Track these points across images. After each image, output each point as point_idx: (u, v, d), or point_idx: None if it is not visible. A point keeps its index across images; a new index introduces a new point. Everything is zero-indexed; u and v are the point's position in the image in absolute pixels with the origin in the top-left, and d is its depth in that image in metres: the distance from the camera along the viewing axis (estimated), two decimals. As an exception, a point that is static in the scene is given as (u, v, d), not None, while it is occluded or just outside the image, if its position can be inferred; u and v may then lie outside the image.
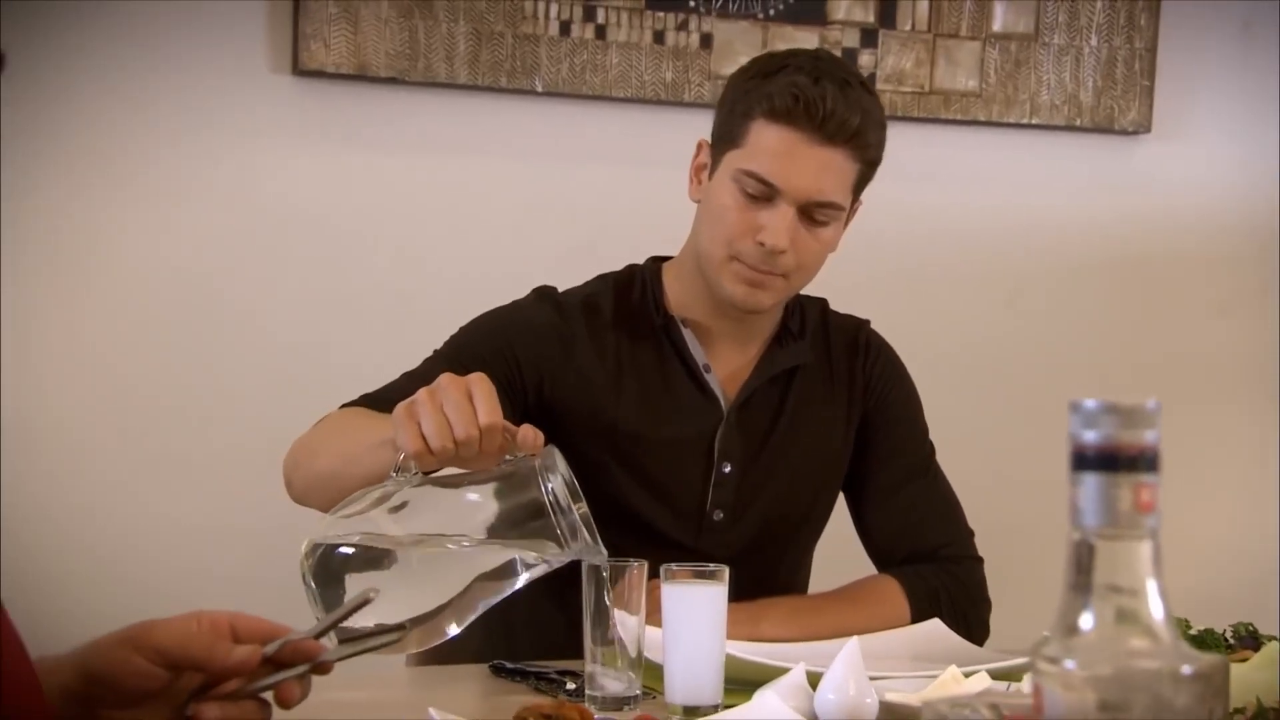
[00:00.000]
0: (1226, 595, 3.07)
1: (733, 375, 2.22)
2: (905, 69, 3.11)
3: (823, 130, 2.07)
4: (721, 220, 2.12)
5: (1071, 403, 0.89)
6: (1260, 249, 3.32)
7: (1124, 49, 3.21)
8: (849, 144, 2.09)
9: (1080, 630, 0.88)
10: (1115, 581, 0.88)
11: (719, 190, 2.13)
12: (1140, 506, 0.87)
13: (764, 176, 2.08)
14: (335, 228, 2.91)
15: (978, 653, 2.05)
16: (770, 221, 2.08)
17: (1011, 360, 3.19)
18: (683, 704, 1.77)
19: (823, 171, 2.09)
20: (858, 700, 1.68)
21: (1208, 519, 3.30)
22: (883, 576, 2.21)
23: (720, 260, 2.13)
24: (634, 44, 3.00)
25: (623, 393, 2.18)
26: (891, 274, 3.12)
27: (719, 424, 2.19)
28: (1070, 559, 0.89)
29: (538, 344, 2.18)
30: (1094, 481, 0.88)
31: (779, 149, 2.08)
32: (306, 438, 2.05)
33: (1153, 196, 3.27)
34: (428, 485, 1.76)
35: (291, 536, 2.77)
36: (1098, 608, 0.88)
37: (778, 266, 2.11)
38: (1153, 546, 0.88)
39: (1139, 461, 0.88)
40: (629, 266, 2.29)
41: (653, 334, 2.21)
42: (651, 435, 2.17)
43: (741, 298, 2.13)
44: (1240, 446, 3.33)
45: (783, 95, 2.07)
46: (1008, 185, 3.21)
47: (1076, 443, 0.89)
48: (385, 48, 2.88)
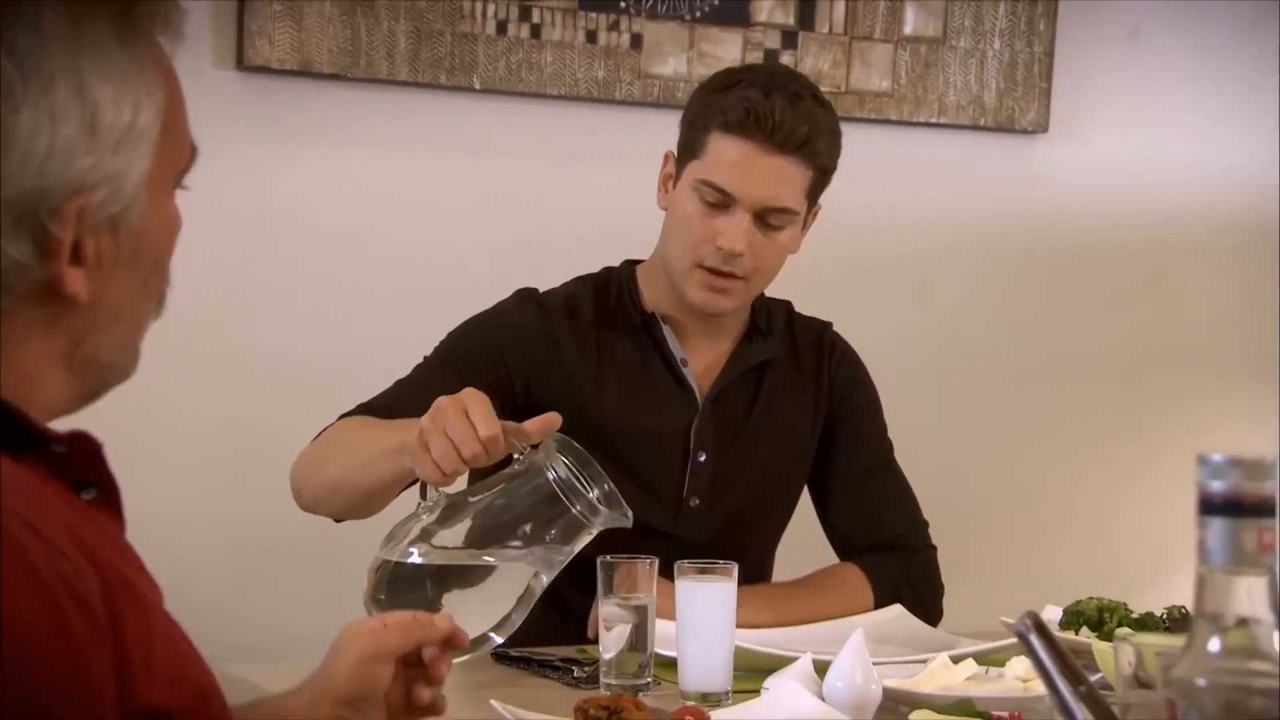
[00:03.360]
0: (1135, 576, 3.29)
1: (707, 369, 2.37)
2: (823, 70, 3.25)
3: (773, 140, 2.23)
4: (685, 228, 2.28)
5: (1200, 455, 1.04)
6: (1150, 242, 3.53)
7: (1024, 52, 3.39)
8: (799, 152, 2.25)
9: (1209, 653, 1.03)
10: (1239, 612, 1.02)
11: (682, 200, 2.28)
12: (1262, 547, 1.02)
13: (720, 185, 2.24)
14: (279, 221, 2.97)
15: (937, 636, 2.23)
16: (727, 227, 2.24)
17: (922, 349, 3.36)
18: (696, 692, 1.91)
19: (775, 179, 2.25)
20: (864, 687, 1.83)
21: (1101, 500, 3.51)
22: (847, 565, 2.37)
23: (686, 269, 2.28)
24: (567, 43, 3.10)
25: (604, 388, 2.31)
26: (808, 267, 3.26)
27: (695, 416, 2.33)
28: (1198, 591, 1.04)
29: (523, 346, 2.30)
30: (1221, 525, 1.03)
31: (734, 159, 2.24)
32: (314, 448, 2.16)
33: (1050, 193, 3.46)
34: (456, 503, 1.88)
35: (284, 535, 2.84)
36: (1223, 634, 1.03)
37: (737, 269, 2.26)
38: (1271, 581, 1.03)
39: (1261, 508, 1.02)
40: (605, 269, 2.42)
41: (632, 331, 2.35)
42: (632, 428, 2.30)
43: (704, 303, 2.29)
44: (1129, 429, 3.54)
45: (735, 109, 2.24)
46: (917, 182, 3.37)
47: (1204, 490, 1.04)
48: (328, 44, 2.95)
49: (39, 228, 1.09)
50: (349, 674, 1.41)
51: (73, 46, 1.10)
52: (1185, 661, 1.04)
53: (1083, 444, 3.50)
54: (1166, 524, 3.21)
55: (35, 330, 1.12)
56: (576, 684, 1.99)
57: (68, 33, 1.10)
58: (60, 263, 1.10)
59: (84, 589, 1.02)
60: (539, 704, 1.79)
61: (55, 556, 1.01)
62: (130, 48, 1.13)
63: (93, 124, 1.10)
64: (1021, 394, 3.46)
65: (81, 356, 1.15)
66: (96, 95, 1.11)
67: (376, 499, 2.05)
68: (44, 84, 1.09)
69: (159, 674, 1.07)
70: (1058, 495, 3.48)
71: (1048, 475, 3.48)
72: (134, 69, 1.13)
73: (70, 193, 1.10)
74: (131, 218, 1.14)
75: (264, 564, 2.92)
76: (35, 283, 1.11)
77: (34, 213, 1.09)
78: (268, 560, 2.91)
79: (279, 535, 2.84)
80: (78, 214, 1.10)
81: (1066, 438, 3.49)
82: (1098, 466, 3.50)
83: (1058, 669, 1.20)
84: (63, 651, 1.00)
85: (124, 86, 1.12)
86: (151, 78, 1.15)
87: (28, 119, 1.08)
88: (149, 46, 1.15)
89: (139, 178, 1.14)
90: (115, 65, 1.12)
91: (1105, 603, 2.25)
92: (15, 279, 1.10)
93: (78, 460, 1.12)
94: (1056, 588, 3.00)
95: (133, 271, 1.16)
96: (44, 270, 1.10)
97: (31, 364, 1.13)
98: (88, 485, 1.14)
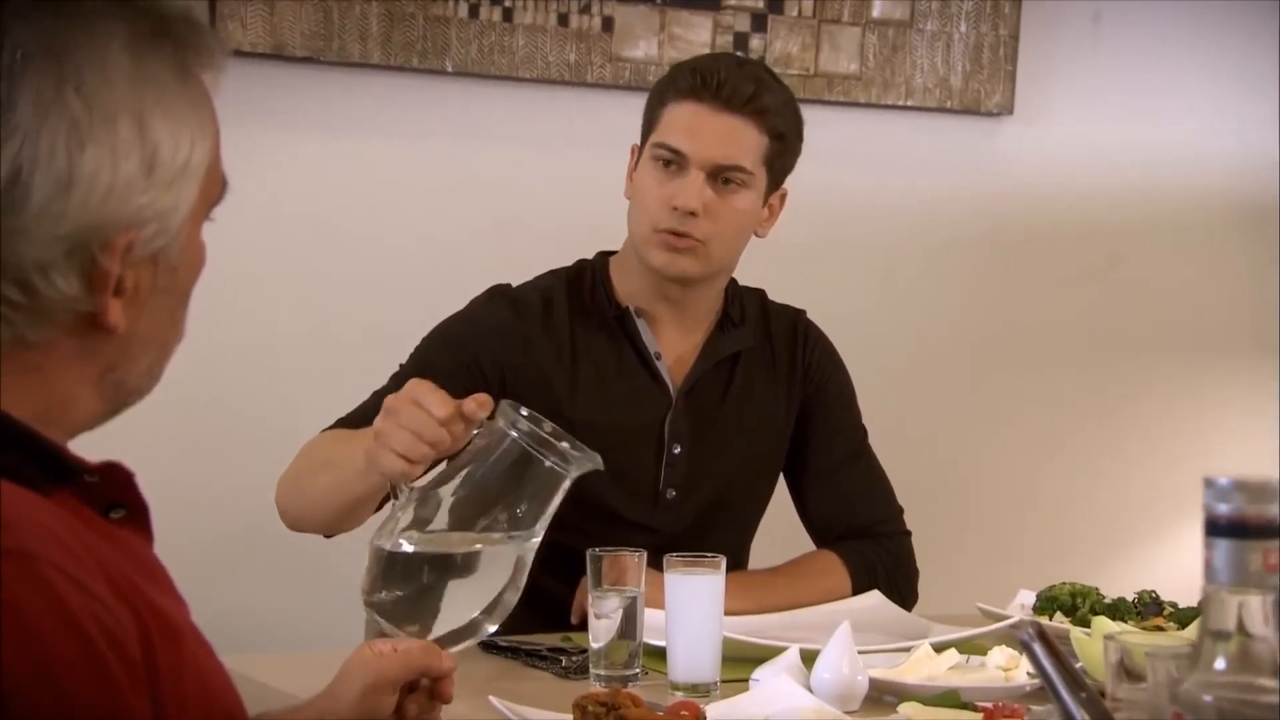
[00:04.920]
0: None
1: (679, 361, 2.39)
2: (792, 53, 3.28)
3: (719, 97, 2.31)
4: (644, 197, 2.34)
5: (1206, 478, 1.08)
6: (1113, 222, 3.58)
7: (990, 36, 3.42)
8: (747, 109, 2.32)
9: (1215, 669, 1.07)
10: (1244, 630, 1.06)
11: (641, 174, 2.36)
12: (1267, 567, 1.06)
13: (672, 145, 2.32)
14: (251, 206, 2.97)
15: (917, 623, 2.27)
16: (682, 188, 2.30)
17: (889, 332, 3.40)
18: (684, 682, 1.94)
19: (726, 137, 2.31)
20: (850, 678, 1.87)
21: (1066, 480, 3.56)
22: (824, 552, 2.41)
23: (647, 234, 2.33)
24: (539, 26, 3.11)
25: (578, 383, 2.34)
26: (776, 249, 3.29)
27: (669, 409, 2.36)
28: (1205, 609, 1.08)
29: (496, 346, 2.33)
30: (1226, 546, 1.07)
31: (685, 120, 2.32)
32: (293, 468, 2.19)
33: (1015, 174, 3.50)
34: (427, 492, 1.88)
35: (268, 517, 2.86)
36: (1229, 650, 1.07)
37: (695, 230, 2.30)
38: (1275, 600, 1.07)
39: (1266, 530, 1.06)
40: (579, 261, 2.44)
41: (606, 325, 2.37)
42: (607, 422, 2.32)
43: (663, 263, 2.33)
44: (1093, 410, 3.60)
45: (685, 76, 2.34)
46: (885, 164, 3.40)
47: (1211, 513, 1.08)
48: (301, 28, 2.95)
49: (89, 261, 1.11)
50: (353, 704, 1.43)
51: (135, 84, 1.11)
52: (1192, 678, 1.08)
53: (1049, 425, 3.55)
54: (1130, 503, 3.27)
55: (72, 357, 1.14)
56: (565, 674, 2.02)
57: (130, 70, 1.11)
58: (106, 295, 1.12)
59: (121, 634, 1.03)
60: (532, 697, 1.82)
61: (93, 604, 1.02)
62: (186, 86, 1.15)
63: (151, 162, 1.12)
64: (988, 376, 3.51)
65: (112, 380, 1.17)
66: (157, 134, 1.12)
67: (359, 511, 2.07)
68: (108, 122, 1.10)
69: (191, 706, 1.09)
70: (1024, 476, 3.53)
71: (1015, 457, 3.53)
72: (190, 108, 1.15)
73: (123, 228, 1.12)
74: (173, 251, 1.16)
75: (248, 548, 2.93)
76: (78, 314, 1.12)
77: (86, 246, 1.10)
78: (252, 544, 2.93)
79: (263, 518, 2.86)
80: (125, 248, 1.12)
81: (1033, 419, 3.54)
82: (1064, 447, 3.56)
83: (1060, 676, 1.24)
84: (106, 704, 1.02)
85: (181, 125, 1.14)
86: (205, 115, 1.17)
87: (92, 156, 1.10)
88: (200, 84, 1.17)
89: (185, 213, 1.16)
90: (173, 103, 1.13)
91: (1078, 588, 2.29)
92: (61, 311, 1.11)
93: (108, 487, 1.14)
94: (1022, 567, 3.06)
95: (165, 302, 1.18)
96: (90, 303, 1.12)
97: (67, 389, 1.14)
98: (117, 506, 1.16)
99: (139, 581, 1.10)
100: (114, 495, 1.15)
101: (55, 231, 1.09)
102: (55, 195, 1.09)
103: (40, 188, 1.08)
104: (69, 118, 1.09)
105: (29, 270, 1.09)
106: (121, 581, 1.07)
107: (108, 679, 1.02)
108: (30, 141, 1.08)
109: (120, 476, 1.15)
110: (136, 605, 1.06)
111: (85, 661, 1.01)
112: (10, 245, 1.09)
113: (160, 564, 1.18)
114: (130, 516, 1.16)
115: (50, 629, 1.00)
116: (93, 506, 1.13)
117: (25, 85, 1.08)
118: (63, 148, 1.09)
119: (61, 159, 1.09)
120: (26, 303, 1.10)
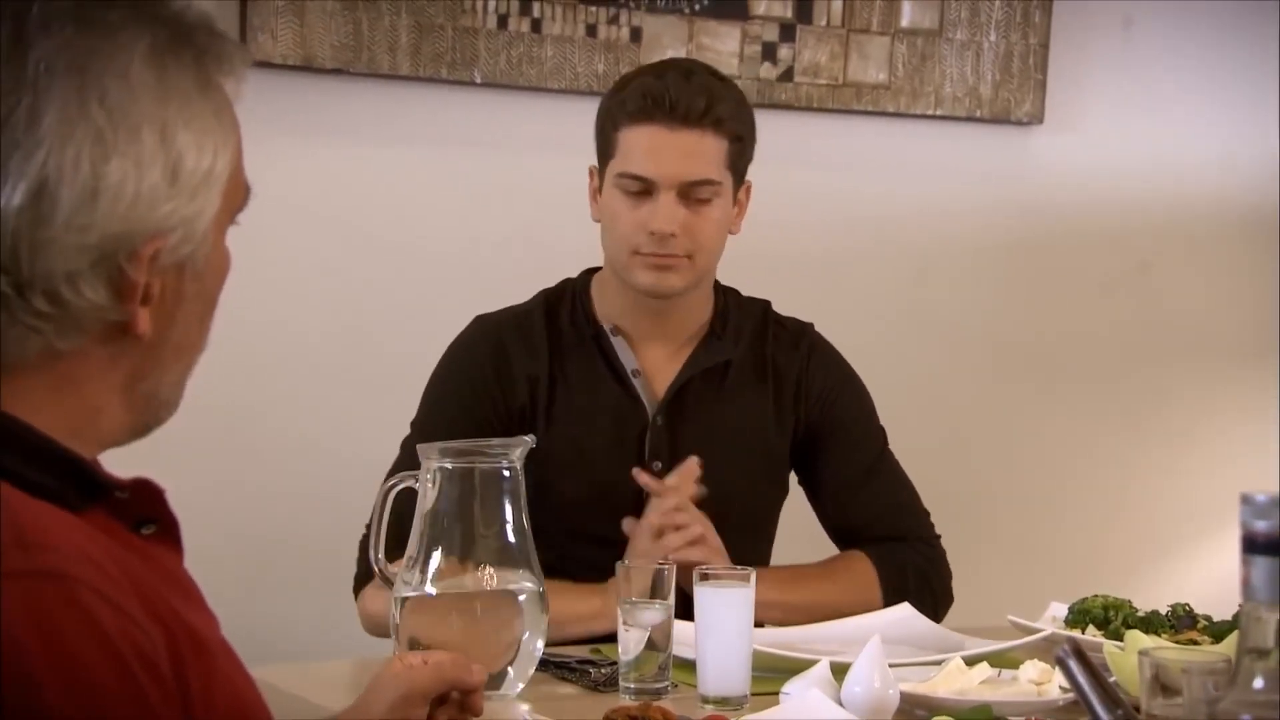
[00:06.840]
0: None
1: (662, 376, 2.39)
2: (821, 63, 3.27)
3: (674, 115, 2.29)
4: (616, 224, 2.33)
5: (1243, 495, 1.07)
6: (1144, 231, 3.56)
7: (1019, 44, 3.41)
8: (704, 122, 2.30)
9: (1254, 687, 1.06)
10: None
11: (608, 200, 2.35)
12: (1305, 584, 1.05)
13: (637, 173, 2.31)
14: (282, 216, 2.98)
15: (948, 635, 2.25)
16: (655, 212, 2.29)
17: (918, 341, 3.39)
18: (714, 695, 1.93)
19: (688, 153, 2.30)
20: (882, 692, 1.86)
21: (1095, 489, 3.54)
22: (855, 553, 2.41)
23: (625, 260, 2.33)
24: (568, 37, 3.11)
25: (555, 409, 2.36)
26: (809, 256, 3.30)
27: (646, 426, 2.35)
28: (1243, 627, 1.07)
29: (482, 394, 2.37)
30: (1264, 564, 1.06)
31: (644, 145, 2.30)
32: None
33: (1045, 183, 3.48)
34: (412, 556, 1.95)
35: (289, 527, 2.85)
36: (1267, 668, 1.06)
37: (676, 249, 2.30)
38: (1314, 617, 1.06)
39: (1304, 547, 1.05)
40: (562, 282, 2.47)
41: (583, 344, 2.39)
42: (586, 444, 2.35)
43: (652, 283, 2.32)
44: (1124, 418, 3.58)
45: (635, 98, 2.31)
46: (913, 174, 3.39)
47: (1248, 530, 1.06)
48: (330, 40, 2.96)
49: (116, 270, 1.11)
50: (385, 715, 1.44)
51: (159, 94, 1.12)
52: (1230, 696, 1.07)
53: (1080, 434, 3.53)
54: (1162, 513, 3.25)
55: (102, 365, 1.14)
56: (595, 686, 2.01)
57: (153, 81, 1.12)
58: (134, 304, 1.12)
59: (153, 653, 1.04)
60: (565, 711, 1.82)
61: (127, 624, 1.02)
62: (208, 94, 1.15)
63: (175, 171, 1.12)
64: (1018, 384, 3.49)
65: (143, 391, 1.17)
66: (180, 143, 1.13)
67: None
68: (132, 132, 1.11)
69: None
70: (1054, 485, 3.51)
71: (1045, 466, 3.51)
72: (212, 116, 1.15)
73: (149, 237, 1.12)
74: (198, 259, 1.16)
75: (269, 557, 2.93)
76: (107, 323, 1.13)
77: (113, 256, 1.11)
78: (273, 553, 2.93)
79: (284, 527, 2.87)
80: (152, 256, 1.12)
81: (1063, 428, 3.52)
82: (1094, 457, 3.53)
83: (1095, 693, 1.23)
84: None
85: (204, 134, 1.14)
86: (227, 123, 1.17)
87: (116, 167, 1.10)
88: (222, 92, 1.17)
89: (209, 220, 1.16)
90: (196, 112, 1.14)
91: (1111, 600, 2.27)
92: (90, 320, 1.12)
93: (139, 503, 1.14)
94: (1053, 578, 3.05)
95: (193, 309, 1.18)
96: (118, 312, 1.12)
97: (96, 399, 1.15)
98: (148, 522, 1.16)
99: (170, 598, 1.10)
100: (145, 511, 1.15)
101: (82, 242, 1.10)
102: (81, 206, 1.09)
103: (66, 199, 1.09)
104: (94, 129, 1.09)
105: (57, 280, 1.10)
106: (153, 598, 1.07)
107: (141, 699, 1.02)
108: (56, 153, 1.08)
109: (151, 492, 1.15)
110: (168, 622, 1.06)
111: (120, 683, 1.01)
112: (38, 256, 1.09)
113: (191, 579, 1.18)
114: (161, 532, 1.16)
115: (87, 651, 1.00)
116: (124, 522, 1.13)
117: (50, 98, 1.09)
118: (88, 159, 1.09)
119: (87, 170, 1.09)
120: (55, 313, 1.11)
